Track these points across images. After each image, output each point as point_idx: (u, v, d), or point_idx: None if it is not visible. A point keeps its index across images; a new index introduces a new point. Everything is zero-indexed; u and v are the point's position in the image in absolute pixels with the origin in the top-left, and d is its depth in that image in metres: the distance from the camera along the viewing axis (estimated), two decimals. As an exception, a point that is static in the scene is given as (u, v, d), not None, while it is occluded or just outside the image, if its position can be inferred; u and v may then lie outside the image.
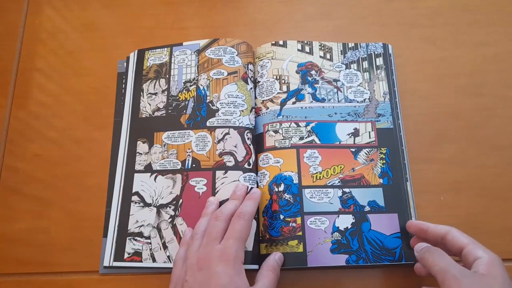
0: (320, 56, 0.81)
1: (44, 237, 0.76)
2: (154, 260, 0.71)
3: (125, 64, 0.85)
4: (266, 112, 0.77)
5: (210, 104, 0.77)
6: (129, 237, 0.73)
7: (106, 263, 0.72)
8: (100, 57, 0.87)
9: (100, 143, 0.81)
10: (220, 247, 0.60)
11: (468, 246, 0.59)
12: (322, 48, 0.82)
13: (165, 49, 0.83)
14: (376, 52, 0.81)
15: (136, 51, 0.85)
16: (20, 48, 0.89)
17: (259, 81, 0.80)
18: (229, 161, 0.73)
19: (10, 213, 0.78)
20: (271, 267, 0.65)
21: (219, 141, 0.74)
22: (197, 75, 0.80)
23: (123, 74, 0.85)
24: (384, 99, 0.78)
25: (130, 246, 0.72)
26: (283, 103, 0.77)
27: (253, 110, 0.78)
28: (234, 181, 0.72)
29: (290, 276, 0.70)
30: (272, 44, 0.81)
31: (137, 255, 0.72)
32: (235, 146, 0.74)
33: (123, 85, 0.84)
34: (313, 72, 0.79)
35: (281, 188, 0.72)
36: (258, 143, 0.76)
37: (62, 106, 0.84)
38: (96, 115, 0.83)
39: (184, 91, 0.79)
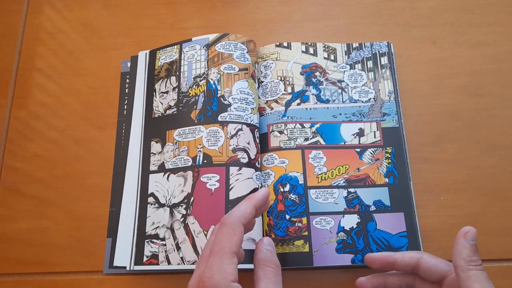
0: (324, 58, 0.81)
1: (44, 237, 0.76)
2: (169, 262, 0.70)
3: (128, 63, 0.85)
4: (270, 113, 0.77)
5: (221, 99, 0.76)
6: (147, 240, 0.72)
7: (126, 266, 0.71)
8: (100, 57, 0.87)
9: (100, 143, 0.81)
10: (198, 274, 0.48)
11: (451, 275, 0.57)
12: (326, 49, 0.82)
13: (175, 46, 0.83)
14: (380, 51, 0.82)
15: (147, 52, 0.85)
16: (20, 48, 0.89)
17: (262, 81, 0.80)
18: (243, 158, 0.72)
19: (10, 213, 0.78)
20: (263, 261, 0.53)
21: (232, 137, 0.73)
22: (206, 69, 0.79)
23: (126, 73, 0.85)
24: (390, 98, 0.78)
25: (148, 249, 0.71)
26: (287, 104, 0.77)
27: (258, 109, 0.78)
28: (248, 178, 0.71)
29: (296, 276, 0.70)
30: (276, 45, 0.81)
31: (154, 257, 0.71)
32: (248, 143, 0.73)
33: (127, 84, 0.84)
34: (317, 73, 0.80)
35: (287, 188, 0.72)
36: (261, 143, 0.76)
37: (62, 106, 0.84)
38: (96, 115, 0.83)
39: (194, 86, 0.78)
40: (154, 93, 0.81)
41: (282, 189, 0.72)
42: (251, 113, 0.75)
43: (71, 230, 0.76)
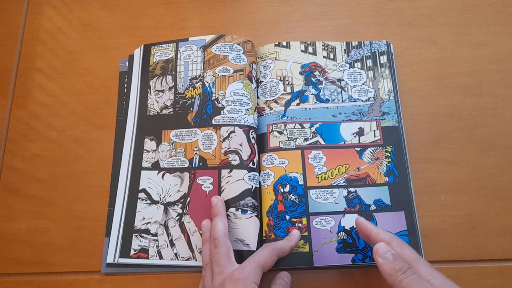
0: (324, 56, 0.81)
1: (44, 237, 0.76)
2: (161, 257, 0.71)
3: (127, 63, 0.85)
4: (269, 113, 0.77)
5: (215, 102, 0.77)
6: (136, 234, 0.73)
7: (110, 260, 0.72)
8: (100, 57, 0.87)
9: (100, 143, 0.81)
10: (232, 269, 0.61)
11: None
12: (326, 48, 0.82)
13: (171, 44, 0.83)
14: (380, 50, 0.82)
15: (142, 46, 0.85)
16: (20, 48, 0.89)
17: (261, 81, 0.80)
18: (234, 160, 0.73)
19: (10, 213, 0.78)
20: (276, 285, 0.65)
21: (224, 139, 0.74)
22: (202, 71, 0.79)
23: (125, 73, 0.85)
24: (389, 97, 0.78)
25: (137, 243, 0.72)
26: (287, 104, 0.77)
27: (256, 109, 0.78)
28: (239, 180, 0.72)
29: (297, 276, 0.70)
30: (276, 45, 0.81)
31: (144, 251, 0.72)
32: (240, 145, 0.74)
33: (125, 84, 0.84)
34: (316, 73, 0.80)
35: (287, 189, 0.72)
36: (260, 143, 0.76)
37: (62, 106, 0.84)
38: (96, 115, 0.83)
39: (190, 88, 0.79)
40: (149, 90, 0.81)
41: (282, 190, 0.72)
42: (245, 114, 0.75)
43: (71, 230, 0.76)
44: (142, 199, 0.75)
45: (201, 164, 0.74)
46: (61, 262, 0.75)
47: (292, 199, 0.71)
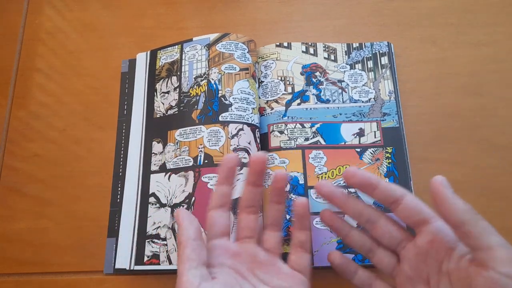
0: (325, 57, 0.81)
1: (44, 237, 0.76)
2: (170, 262, 0.69)
3: (128, 62, 0.85)
4: (270, 113, 0.77)
5: (222, 99, 0.75)
6: (148, 240, 0.72)
7: (125, 266, 0.71)
8: (100, 57, 0.87)
9: (100, 143, 0.81)
10: None
11: (433, 224, 0.53)
12: (326, 49, 0.82)
13: (176, 46, 0.83)
14: (381, 51, 0.82)
15: (148, 52, 0.85)
16: (20, 48, 0.89)
17: (262, 81, 0.80)
18: (244, 158, 0.72)
19: (10, 213, 0.78)
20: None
21: (233, 137, 0.73)
22: (207, 69, 0.78)
23: (127, 73, 0.85)
24: (390, 98, 0.78)
25: (149, 249, 0.71)
26: (288, 104, 0.77)
27: (258, 109, 0.78)
28: None
29: (297, 276, 0.70)
30: (277, 45, 0.81)
31: (155, 257, 0.70)
32: (249, 143, 0.73)
33: (126, 84, 0.84)
34: (317, 73, 0.80)
35: (287, 188, 0.72)
36: (261, 143, 0.76)
37: (62, 106, 0.84)
38: (97, 115, 0.83)
39: (195, 86, 0.78)
40: (155, 93, 0.81)
41: (282, 189, 0.72)
42: (252, 113, 0.75)
43: (71, 230, 0.76)
44: (152, 204, 0.74)
45: (206, 161, 0.72)
46: (61, 262, 0.75)
47: (292, 198, 0.71)
